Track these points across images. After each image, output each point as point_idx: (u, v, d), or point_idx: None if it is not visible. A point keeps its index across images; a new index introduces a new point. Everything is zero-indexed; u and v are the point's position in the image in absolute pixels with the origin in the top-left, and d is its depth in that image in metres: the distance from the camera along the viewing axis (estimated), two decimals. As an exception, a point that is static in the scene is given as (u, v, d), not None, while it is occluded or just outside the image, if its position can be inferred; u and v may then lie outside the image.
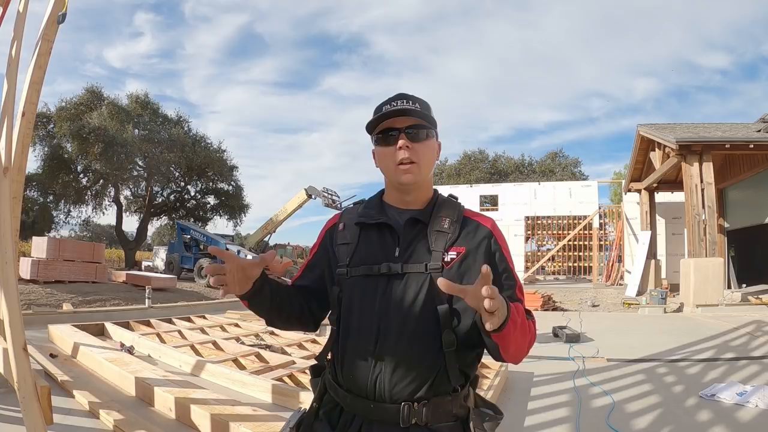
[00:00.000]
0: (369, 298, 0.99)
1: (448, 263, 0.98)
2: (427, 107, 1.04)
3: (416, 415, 0.93)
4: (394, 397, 0.94)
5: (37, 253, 10.75)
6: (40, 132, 18.83)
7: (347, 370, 0.99)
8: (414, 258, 0.99)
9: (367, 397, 0.96)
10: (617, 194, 24.41)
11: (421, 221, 1.03)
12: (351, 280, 1.02)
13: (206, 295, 12.40)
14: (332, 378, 1.04)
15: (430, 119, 1.03)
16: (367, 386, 0.96)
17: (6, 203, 2.00)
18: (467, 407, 1.00)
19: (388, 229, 1.04)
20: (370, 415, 0.96)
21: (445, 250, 0.99)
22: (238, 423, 2.39)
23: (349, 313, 1.01)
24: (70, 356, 4.11)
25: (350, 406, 0.99)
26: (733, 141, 9.84)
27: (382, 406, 0.95)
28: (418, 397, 0.94)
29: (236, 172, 24.51)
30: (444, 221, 1.02)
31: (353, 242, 1.05)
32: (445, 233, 1.01)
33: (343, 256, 1.05)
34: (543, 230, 19.59)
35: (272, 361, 4.13)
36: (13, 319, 1.90)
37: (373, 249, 1.03)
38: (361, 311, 0.99)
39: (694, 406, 3.30)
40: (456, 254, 0.99)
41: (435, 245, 1.00)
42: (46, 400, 2.11)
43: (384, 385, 0.95)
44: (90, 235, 35.09)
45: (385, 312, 0.97)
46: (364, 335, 0.98)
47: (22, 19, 2.32)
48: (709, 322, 7.59)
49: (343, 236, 1.08)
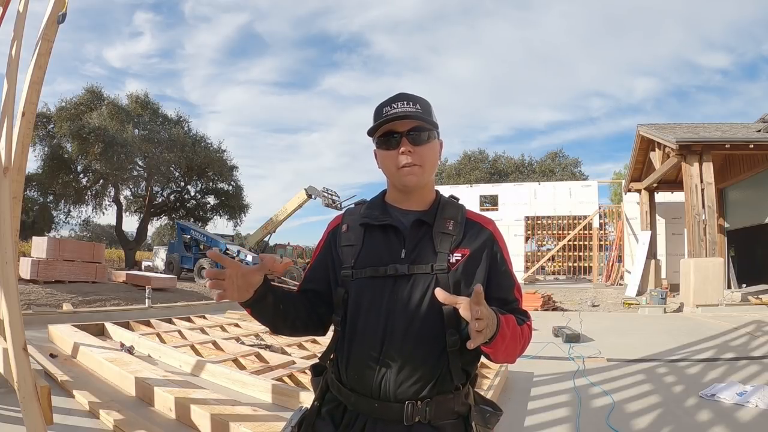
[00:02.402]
0: (376, 299, 0.99)
1: (454, 264, 1.00)
2: (428, 107, 1.04)
3: (420, 413, 0.95)
4: (399, 396, 0.96)
5: (37, 253, 10.75)
6: (40, 132, 18.82)
7: (352, 369, 1.00)
8: (420, 259, 1.00)
9: (371, 396, 0.97)
10: (617, 194, 24.41)
11: (426, 223, 1.04)
12: (357, 282, 1.02)
13: (206, 295, 12.40)
14: (336, 377, 1.04)
15: (431, 120, 1.03)
16: (373, 386, 0.97)
17: (6, 203, 2.00)
18: (468, 405, 1.02)
19: (393, 231, 1.04)
20: (374, 414, 0.97)
21: (450, 251, 1.01)
22: (238, 423, 2.39)
23: (355, 314, 1.01)
24: (70, 356, 4.11)
25: (354, 405, 1.00)
26: (733, 141, 9.84)
27: (386, 405, 0.96)
28: (422, 396, 0.96)
29: (236, 172, 24.55)
30: (449, 223, 1.04)
31: (358, 244, 1.06)
32: (450, 235, 1.02)
33: (347, 258, 1.05)
34: (543, 230, 19.59)
35: (272, 361, 4.13)
36: (13, 319, 1.90)
37: (379, 250, 1.03)
38: (368, 312, 1.00)
39: (694, 406, 3.30)
40: (461, 256, 1.01)
41: (440, 247, 1.01)
42: (46, 400, 2.11)
43: (389, 385, 0.96)
44: (90, 235, 35.07)
45: (392, 313, 0.98)
46: (370, 336, 0.98)
47: (22, 19, 2.32)
48: (709, 322, 7.58)
49: (347, 237, 1.08)
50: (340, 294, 1.04)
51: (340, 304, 1.04)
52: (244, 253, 16.67)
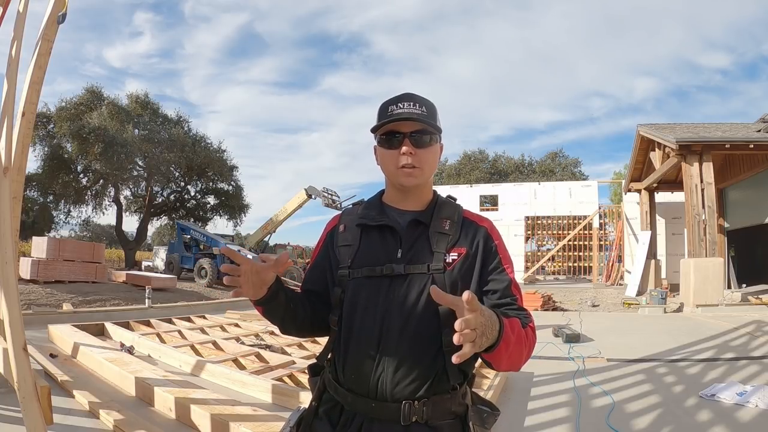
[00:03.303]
0: (372, 299, 1.00)
1: (450, 264, 1.00)
2: (434, 110, 1.05)
3: (416, 413, 0.95)
4: (396, 396, 0.95)
5: (37, 253, 10.75)
6: (40, 132, 18.81)
7: (349, 369, 1.00)
8: (416, 259, 1.01)
9: (368, 396, 0.97)
10: (617, 194, 24.42)
11: (422, 223, 1.05)
12: (353, 282, 1.03)
13: (206, 295, 12.41)
14: (333, 377, 1.04)
15: (435, 125, 1.03)
16: (369, 386, 0.97)
17: (6, 203, 2.00)
18: (465, 405, 1.01)
19: (390, 231, 1.05)
20: (371, 414, 0.97)
21: (446, 251, 1.01)
22: (238, 423, 2.39)
23: (351, 314, 1.02)
24: (70, 356, 4.11)
25: (351, 405, 1.00)
26: (733, 141, 9.84)
27: (383, 405, 0.96)
28: (419, 396, 0.96)
29: (236, 172, 24.52)
30: (445, 223, 1.04)
31: (354, 244, 1.06)
32: (447, 235, 1.03)
33: (344, 258, 1.06)
34: (543, 230, 19.60)
35: (272, 361, 4.13)
36: (13, 319, 1.90)
37: (375, 250, 1.04)
38: (364, 312, 1.00)
39: (694, 406, 3.30)
40: (457, 255, 1.01)
41: (437, 246, 1.01)
42: (46, 400, 2.11)
43: (386, 385, 0.96)
44: (90, 235, 35.07)
45: (388, 312, 0.98)
46: (366, 336, 0.99)
47: (22, 19, 2.32)
48: (709, 322, 7.58)
49: (344, 238, 1.08)
50: (337, 294, 1.05)
51: (337, 303, 1.05)
52: (245, 253, 16.67)
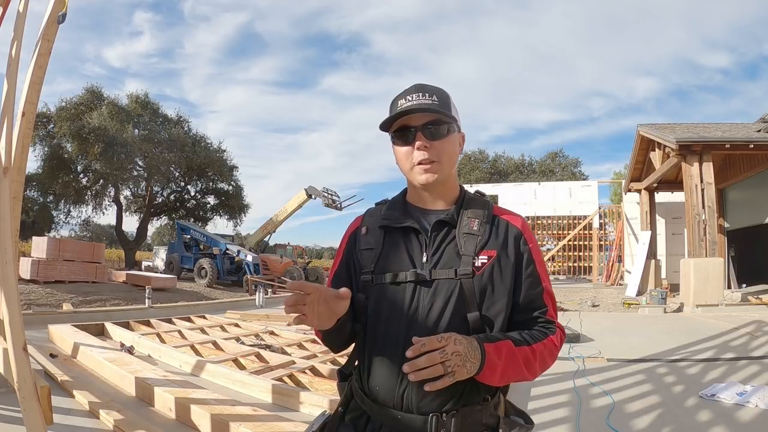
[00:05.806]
0: (396, 306, 0.94)
1: (479, 268, 0.93)
2: (446, 98, 0.97)
3: (444, 426, 0.89)
4: (422, 409, 0.90)
5: (37, 253, 10.76)
6: (40, 132, 18.85)
7: (374, 380, 0.96)
8: (443, 263, 0.95)
9: (394, 408, 0.92)
10: (617, 194, 24.41)
11: (448, 223, 0.98)
12: (376, 288, 0.97)
13: (206, 295, 12.41)
14: (359, 386, 1.00)
15: (449, 113, 0.95)
16: (395, 397, 0.92)
17: (6, 203, 2.00)
18: (497, 416, 0.96)
19: (414, 233, 0.98)
20: (398, 426, 0.92)
21: (475, 254, 0.94)
22: (238, 423, 2.39)
23: (375, 322, 0.97)
24: (70, 356, 4.11)
25: (377, 416, 0.95)
26: (733, 141, 9.84)
27: (409, 417, 0.91)
28: (447, 409, 0.90)
29: (236, 172, 24.60)
30: (473, 222, 0.97)
31: (377, 247, 1.00)
32: (475, 236, 0.96)
33: (367, 262, 1.00)
34: (543, 230, 19.58)
35: (272, 361, 4.12)
36: (13, 319, 1.90)
37: (399, 254, 0.98)
38: (388, 320, 0.95)
39: (694, 406, 3.30)
40: (487, 258, 0.94)
41: (465, 249, 0.95)
42: (46, 400, 2.11)
43: (412, 397, 0.91)
44: (90, 235, 35.08)
45: (414, 321, 0.92)
46: (390, 345, 0.93)
47: (22, 19, 2.32)
48: (709, 322, 7.58)
49: (367, 241, 1.03)
50: (361, 300, 0.99)
51: (361, 310, 0.99)
52: (244, 253, 16.70)
